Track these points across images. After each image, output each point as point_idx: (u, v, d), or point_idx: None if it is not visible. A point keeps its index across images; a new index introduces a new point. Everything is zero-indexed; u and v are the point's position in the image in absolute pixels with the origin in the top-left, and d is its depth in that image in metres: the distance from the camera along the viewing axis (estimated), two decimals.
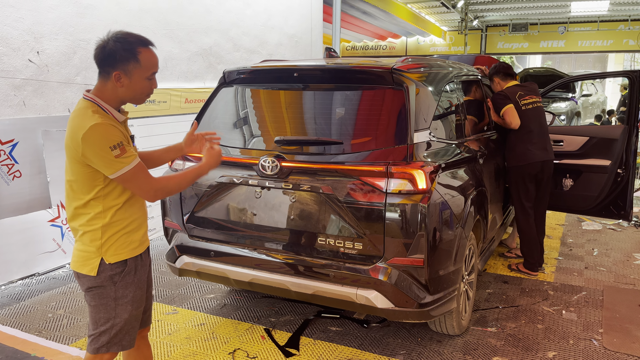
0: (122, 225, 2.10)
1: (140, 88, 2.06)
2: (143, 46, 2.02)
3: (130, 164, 1.98)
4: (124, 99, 2.07)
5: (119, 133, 1.98)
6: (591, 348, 3.37)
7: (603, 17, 17.26)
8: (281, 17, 8.11)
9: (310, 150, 3.07)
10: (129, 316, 2.13)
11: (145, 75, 2.04)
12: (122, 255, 2.10)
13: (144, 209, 2.24)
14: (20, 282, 4.42)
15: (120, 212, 2.09)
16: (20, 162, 4.49)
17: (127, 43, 1.99)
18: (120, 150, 1.94)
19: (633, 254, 5.22)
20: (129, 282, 2.12)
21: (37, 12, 4.61)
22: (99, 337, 2.11)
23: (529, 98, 4.45)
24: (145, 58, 2.02)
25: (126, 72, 2.00)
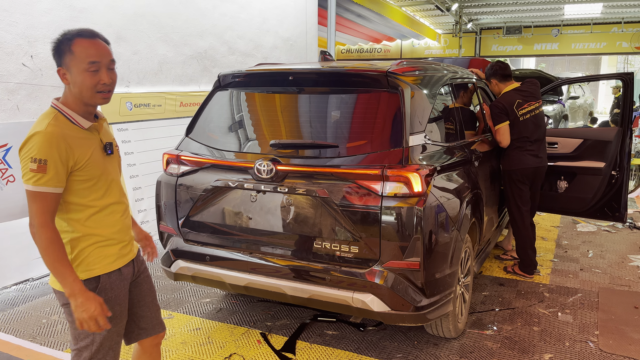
0: (94, 239, 1.97)
1: (80, 81, 1.87)
2: (78, 36, 1.88)
3: (34, 186, 1.80)
4: (77, 97, 1.91)
5: (61, 148, 1.82)
6: (587, 350, 3.37)
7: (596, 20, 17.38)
8: (276, 20, 8.12)
9: (305, 154, 3.07)
10: (109, 332, 2.01)
11: (82, 67, 1.86)
12: (95, 271, 1.97)
13: (124, 222, 2.09)
14: (14, 287, 4.39)
15: (88, 225, 1.95)
16: (14, 167, 4.47)
17: (64, 35, 1.89)
18: (39, 166, 1.78)
19: (628, 256, 5.24)
20: (106, 299, 1.97)
21: (31, 16, 4.59)
22: (81, 353, 2.00)
23: (527, 106, 4.40)
24: (80, 48, 1.87)
25: (67, 67, 1.89)
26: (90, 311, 1.83)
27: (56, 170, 1.82)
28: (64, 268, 1.83)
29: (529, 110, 4.41)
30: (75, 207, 1.93)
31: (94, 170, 1.94)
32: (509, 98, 4.41)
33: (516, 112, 4.35)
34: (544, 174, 4.55)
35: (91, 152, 1.93)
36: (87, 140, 1.93)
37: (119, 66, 5.47)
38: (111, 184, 2.03)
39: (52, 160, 1.80)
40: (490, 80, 4.61)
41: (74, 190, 1.92)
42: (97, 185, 1.97)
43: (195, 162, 3.33)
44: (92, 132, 1.98)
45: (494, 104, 4.41)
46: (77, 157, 1.88)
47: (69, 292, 1.83)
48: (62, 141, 1.83)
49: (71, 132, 1.88)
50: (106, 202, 2.00)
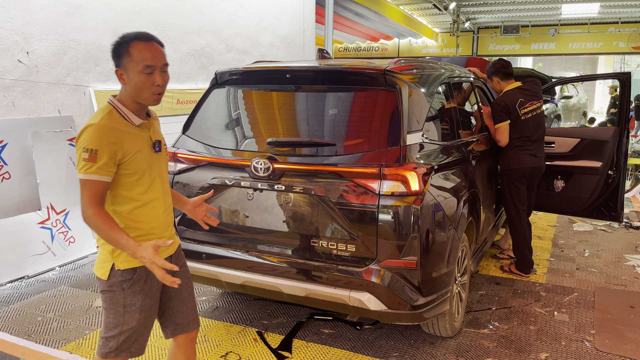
0: (134, 232, 2.06)
1: (135, 83, 1.98)
2: (136, 39, 1.98)
3: (85, 175, 1.91)
4: (133, 97, 2.02)
5: (111, 140, 1.93)
6: (583, 349, 3.38)
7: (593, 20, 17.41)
8: (274, 18, 8.10)
9: (302, 152, 3.06)
10: (137, 324, 2.10)
11: (138, 69, 1.96)
12: (132, 263, 2.06)
13: (165, 218, 2.16)
14: (10, 285, 4.37)
15: (130, 218, 2.05)
16: (10, 164, 4.45)
17: (123, 38, 1.98)
18: (90, 156, 1.90)
19: (624, 255, 5.25)
20: (138, 290, 2.08)
21: (27, 12, 4.56)
22: (108, 342, 2.10)
23: (529, 105, 4.39)
24: (137, 51, 1.96)
25: (124, 69, 1.99)
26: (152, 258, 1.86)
27: (105, 160, 1.92)
28: (119, 236, 1.91)
29: (531, 109, 4.40)
30: (120, 199, 2.04)
31: (139, 165, 2.03)
32: (512, 97, 4.39)
33: (518, 111, 4.34)
34: (541, 173, 4.56)
35: (139, 148, 2.02)
36: (137, 136, 2.03)
37: None
38: (155, 179, 2.11)
39: (102, 151, 1.91)
40: (491, 79, 4.58)
41: (120, 182, 2.01)
42: (141, 179, 2.05)
43: (192, 159, 3.31)
44: (143, 129, 2.07)
45: (496, 103, 4.39)
46: (125, 150, 1.98)
47: (131, 253, 1.91)
48: (112, 134, 1.94)
49: (122, 127, 1.99)
50: (149, 197, 2.08)
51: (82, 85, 5.14)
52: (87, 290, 4.28)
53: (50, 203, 4.76)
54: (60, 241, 4.83)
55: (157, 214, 2.12)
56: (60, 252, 4.82)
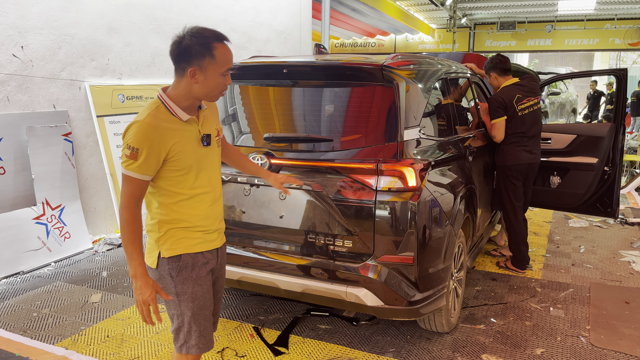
0: (180, 224, 2.07)
1: (214, 84, 1.99)
2: (218, 41, 1.96)
3: (125, 170, 1.94)
4: (197, 95, 2.01)
5: (154, 140, 1.93)
6: (578, 345, 3.39)
7: (590, 16, 17.42)
8: (270, 13, 8.07)
9: (299, 148, 3.05)
10: (193, 314, 2.11)
11: (220, 71, 1.98)
12: (177, 250, 2.08)
13: (213, 212, 2.16)
14: (4, 280, 4.35)
15: (176, 210, 2.06)
16: (4, 159, 4.42)
17: (202, 38, 1.94)
18: (132, 153, 1.92)
19: (619, 251, 5.27)
20: (186, 277, 2.09)
21: (21, 6, 4.52)
22: (177, 334, 2.15)
23: (526, 101, 4.39)
24: (220, 53, 1.96)
25: (201, 68, 1.95)
26: (144, 295, 1.95)
27: (145, 159, 1.93)
28: (134, 250, 1.96)
29: (528, 105, 4.40)
30: (166, 192, 2.05)
31: (185, 161, 2.02)
32: (509, 92, 4.39)
33: (515, 107, 4.34)
34: (537, 169, 4.56)
35: (185, 144, 2.01)
36: (184, 132, 2.02)
37: (110, 58, 5.43)
38: (201, 174, 2.09)
39: (143, 150, 1.92)
40: (489, 74, 4.57)
41: (166, 177, 2.02)
42: (187, 175, 2.05)
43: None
44: (191, 124, 2.05)
45: (493, 98, 4.39)
46: (169, 148, 1.97)
47: (132, 273, 1.97)
48: (156, 133, 1.94)
49: (168, 124, 1.98)
50: (195, 192, 2.08)
51: (77, 80, 5.11)
52: (82, 286, 4.27)
53: (45, 198, 4.74)
54: (56, 237, 4.81)
55: (203, 207, 2.11)
56: (56, 247, 4.80)
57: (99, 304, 3.92)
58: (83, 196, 5.21)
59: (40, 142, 4.67)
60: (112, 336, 3.43)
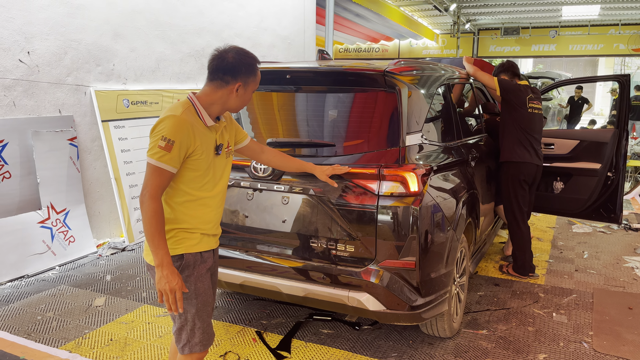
0: (182, 224, 2.16)
1: (248, 99, 2.21)
2: (259, 64, 2.20)
3: (157, 161, 2.02)
4: (230, 107, 2.19)
5: (188, 135, 2.04)
6: (581, 350, 3.38)
7: (594, 22, 17.41)
8: (274, 18, 8.11)
9: (302, 152, 3.07)
10: (197, 310, 2.19)
11: (254, 89, 2.21)
12: (179, 250, 2.16)
13: (213, 217, 2.25)
14: (9, 284, 4.38)
15: (180, 210, 2.16)
16: (10, 163, 4.46)
17: (250, 58, 2.16)
18: (166, 145, 2.00)
19: (623, 257, 5.26)
20: (188, 275, 2.18)
21: (28, 12, 4.57)
22: (179, 334, 2.21)
23: (536, 103, 4.46)
24: (259, 75, 2.22)
25: (245, 85, 2.15)
26: (172, 283, 2.03)
27: (178, 152, 2.04)
28: (160, 240, 2.04)
29: (537, 107, 4.47)
30: (176, 190, 2.15)
31: (202, 163, 2.14)
32: (524, 88, 4.47)
33: (527, 103, 4.39)
34: (541, 174, 4.56)
35: (206, 147, 2.14)
36: (206, 136, 2.15)
37: (115, 63, 5.48)
38: (210, 180, 2.21)
39: (178, 143, 2.03)
40: (499, 77, 4.58)
41: (180, 175, 2.13)
42: (199, 177, 2.16)
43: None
44: (212, 130, 2.19)
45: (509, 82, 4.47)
46: (196, 146, 2.09)
47: (158, 262, 2.03)
48: (190, 128, 2.06)
49: (197, 124, 2.11)
50: (202, 194, 2.19)
51: (82, 85, 5.15)
52: (86, 289, 4.29)
53: (50, 202, 4.77)
54: (60, 240, 4.84)
55: (205, 211, 2.21)
56: (60, 251, 4.83)
57: (103, 308, 3.95)
58: (87, 200, 5.24)
59: (46, 147, 4.71)
60: (116, 340, 3.44)
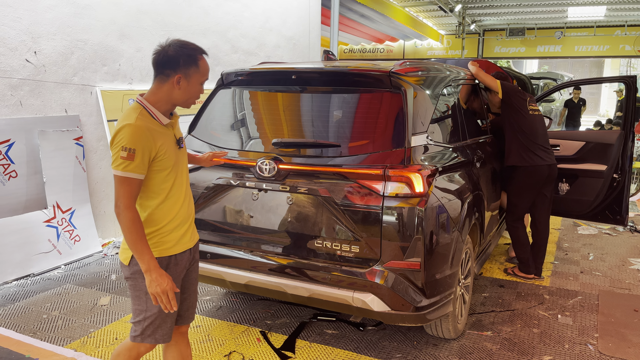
0: (157, 225, 2.19)
1: (194, 92, 2.20)
2: (202, 54, 2.20)
3: (122, 172, 2.04)
4: (177, 101, 2.19)
5: (147, 140, 2.07)
6: (586, 352, 3.37)
7: (600, 23, 17.34)
8: (279, 19, 8.12)
9: (307, 153, 3.07)
10: (159, 311, 2.21)
11: (201, 81, 2.20)
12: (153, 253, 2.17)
13: (186, 211, 2.29)
14: (15, 282, 4.40)
15: (154, 213, 2.19)
16: (16, 162, 4.48)
17: (190, 49, 2.17)
18: (128, 154, 2.03)
19: (628, 259, 5.23)
20: None
21: (34, 12, 4.60)
22: (135, 327, 2.25)
23: (534, 105, 4.51)
24: (203, 65, 2.20)
25: (186, 76, 2.15)
26: (162, 285, 2.07)
27: (142, 158, 2.07)
28: (143, 246, 2.07)
29: (536, 109, 4.50)
30: (150, 193, 2.18)
31: (168, 161, 2.18)
32: (523, 92, 4.51)
33: (527, 105, 4.41)
34: (556, 171, 4.51)
35: (167, 145, 2.18)
36: (164, 134, 2.18)
37: (121, 63, 5.49)
38: (179, 174, 2.26)
39: (139, 150, 2.05)
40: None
41: (151, 178, 2.16)
42: (169, 175, 2.20)
43: None
44: (168, 128, 2.22)
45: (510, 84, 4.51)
46: (157, 148, 2.13)
47: (146, 268, 2.07)
48: (147, 133, 2.08)
49: (153, 126, 2.14)
50: (174, 191, 2.23)
51: (88, 85, 5.18)
52: (92, 288, 4.31)
53: (56, 202, 4.79)
54: (66, 240, 4.86)
55: (178, 205, 2.25)
56: (66, 250, 4.85)
57: (108, 307, 3.96)
58: (93, 200, 5.26)
59: (52, 146, 4.73)
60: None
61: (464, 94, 4.15)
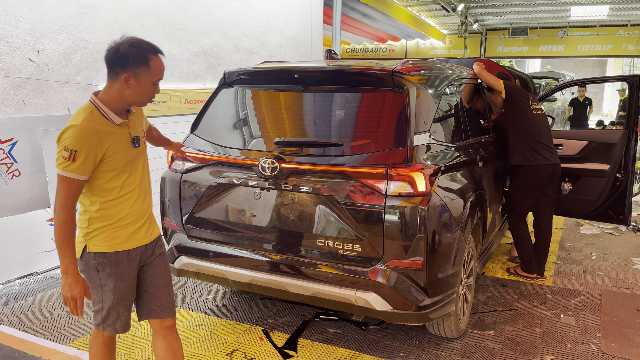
0: (108, 221, 2.22)
1: (145, 91, 2.17)
2: (154, 53, 2.16)
3: (63, 171, 2.06)
4: (128, 100, 2.18)
5: (91, 142, 2.07)
6: (589, 352, 3.37)
7: (603, 22, 17.30)
8: (281, 18, 8.12)
9: (310, 152, 3.07)
10: (113, 304, 2.28)
11: (152, 80, 2.17)
12: (103, 248, 2.23)
13: (139, 208, 2.31)
14: (18, 281, 4.41)
15: (105, 209, 2.21)
16: (20, 161, 4.49)
17: (140, 48, 2.12)
18: (70, 155, 2.05)
19: (631, 259, 5.22)
20: (109, 273, 2.25)
21: (37, 11, 4.60)
22: (96, 315, 2.34)
23: (537, 104, 4.50)
24: (155, 64, 2.16)
25: (136, 75, 2.12)
26: (73, 292, 2.11)
27: (83, 160, 2.07)
28: (67, 249, 2.10)
29: (539, 108, 4.49)
30: (98, 191, 2.20)
31: (118, 162, 2.19)
32: (526, 92, 4.50)
33: (530, 104, 4.40)
34: (560, 171, 4.50)
35: (118, 146, 2.18)
36: (116, 134, 2.18)
37: None
38: (132, 173, 2.27)
39: (82, 152, 2.06)
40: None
41: (99, 177, 2.17)
42: (120, 174, 2.22)
43: (200, 158, 3.34)
44: (122, 127, 2.22)
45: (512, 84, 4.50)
46: (105, 149, 2.13)
47: (64, 270, 2.10)
48: (93, 136, 2.08)
49: (103, 127, 2.13)
50: (125, 190, 2.25)
51: (91, 84, 5.18)
52: None
53: None
54: None
55: (130, 203, 2.27)
56: None
57: None
58: None
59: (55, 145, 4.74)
60: (123, 337, 3.46)
61: (466, 93, 4.14)
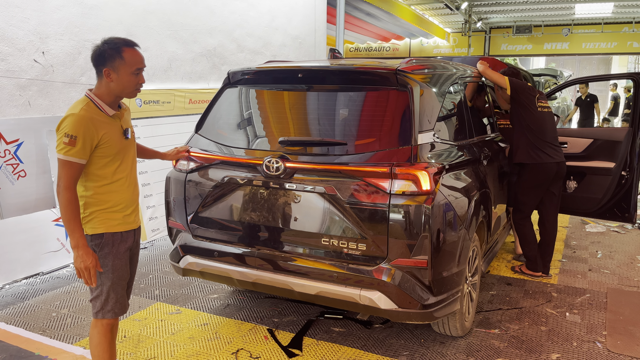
0: (103, 205, 2.43)
1: (127, 82, 2.40)
2: (127, 46, 2.38)
3: (64, 156, 2.27)
4: (115, 92, 2.41)
5: (89, 128, 2.30)
6: (595, 350, 3.36)
7: (607, 19, 17.23)
8: (285, 18, 8.13)
9: (314, 151, 3.08)
10: (112, 283, 2.47)
11: (130, 71, 2.38)
12: (100, 229, 2.44)
13: (130, 195, 2.54)
14: (25, 281, 4.44)
15: (100, 192, 2.42)
16: (25, 162, 4.51)
17: (113, 43, 2.36)
18: (70, 141, 2.26)
19: (637, 257, 5.20)
20: (107, 252, 2.46)
21: (42, 13, 4.63)
22: (94, 303, 2.50)
23: (544, 102, 4.45)
24: (129, 55, 2.38)
25: (114, 68, 2.36)
26: (86, 262, 2.31)
27: (82, 145, 2.29)
28: (75, 225, 2.31)
29: (546, 105, 4.45)
30: (93, 176, 2.41)
31: (111, 149, 2.41)
32: (532, 88, 4.47)
33: (535, 102, 4.37)
34: (565, 169, 4.49)
35: (111, 135, 2.40)
36: (110, 124, 2.41)
37: None
38: (123, 162, 2.49)
39: (80, 137, 2.28)
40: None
41: (94, 163, 2.39)
42: (112, 161, 2.43)
43: (205, 158, 3.35)
44: (115, 119, 2.45)
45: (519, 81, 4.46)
46: (100, 137, 2.35)
47: (74, 244, 2.30)
48: (90, 123, 2.31)
49: (98, 117, 2.37)
50: (117, 177, 2.47)
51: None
52: None
53: None
54: None
55: (122, 189, 2.49)
56: None
57: None
58: None
59: None
60: (129, 336, 3.48)
61: (470, 92, 4.14)
